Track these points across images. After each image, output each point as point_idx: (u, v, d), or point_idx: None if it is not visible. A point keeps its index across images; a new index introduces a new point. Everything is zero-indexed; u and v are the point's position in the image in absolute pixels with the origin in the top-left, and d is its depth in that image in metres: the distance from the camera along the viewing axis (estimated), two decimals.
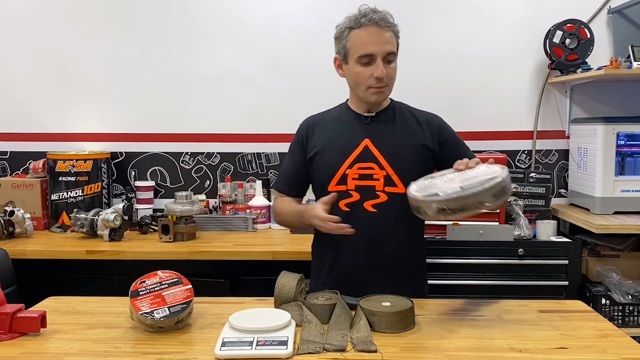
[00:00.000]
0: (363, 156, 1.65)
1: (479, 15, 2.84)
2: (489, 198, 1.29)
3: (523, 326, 1.41)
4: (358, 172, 1.65)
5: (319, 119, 1.79)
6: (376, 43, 1.59)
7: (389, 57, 1.61)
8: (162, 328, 1.37)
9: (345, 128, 1.72)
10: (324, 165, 1.70)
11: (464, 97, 2.86)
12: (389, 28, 1.61)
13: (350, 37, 1.62)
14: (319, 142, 1.72)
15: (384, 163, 1.64)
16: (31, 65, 2.93)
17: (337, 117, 1.76)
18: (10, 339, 1.33)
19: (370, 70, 1.60)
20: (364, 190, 1.64)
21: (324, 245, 1.73)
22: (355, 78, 1.64)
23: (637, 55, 2.41)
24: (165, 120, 2.94)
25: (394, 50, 1.63)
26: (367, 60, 1.60)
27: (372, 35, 1.59)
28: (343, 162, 1.66)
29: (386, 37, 1.60)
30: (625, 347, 1.29)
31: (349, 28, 1.62)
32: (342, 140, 1.69)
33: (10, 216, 2.49)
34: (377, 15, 1.60)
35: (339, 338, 1.30)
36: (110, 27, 2.90)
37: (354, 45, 1.61)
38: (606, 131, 2.49)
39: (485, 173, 1.35)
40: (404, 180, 1.62)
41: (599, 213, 2.50)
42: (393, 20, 1.63)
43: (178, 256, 2.31)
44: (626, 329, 2.24)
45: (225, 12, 2.88)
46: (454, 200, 1.31)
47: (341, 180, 1.66)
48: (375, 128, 1.69)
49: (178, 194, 2.53)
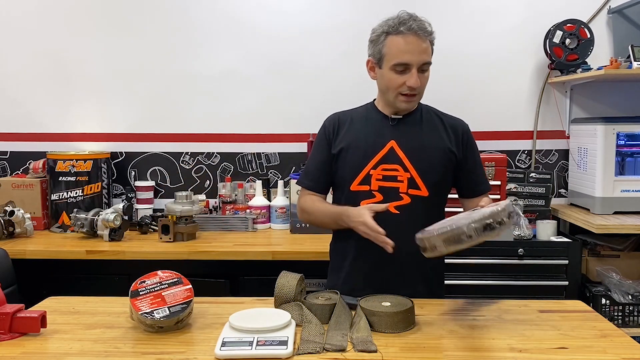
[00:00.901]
0: (388, 157, 1.65)
1: (479, 16, 2.84)
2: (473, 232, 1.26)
3: (523, 326, 1.41)
4: (382, 174, 1.64)
5: (346, 116, 1.77)
6: (413, 53, 1.57)
7: (423, 67, 1.61)
8: (162, 328, 1.37)
9: (372, 128, 1.70)
10: (348, 164, 1.68)
11: (464, 97, 2.86)
12: (427, 37, 1.60)
13: (387, 42, 1.60)
14: (345, 139, 1.71)
15: (408, 165, 1.64)
16: (31, 65, 2.93)
17: (364, 116, 1.74)
18: (10, 339, 1.33)
19: (403, 79, 1.60)
20: (387, 192, 1.63)
21: (346, 244, 1.71)
22: (387, 84, 1.63)
23: (637, 55, 2.41)
24: (165, 120, 2.94)
25: (430, 60, 1.62)
26: (402, 68, 1.59)
27: (410, 44, 1.57)
28: (368, 162, 1.65)
29: (424, 47, 1.59)
30: (625, 347, 1.29)
31: (387, 33, 1.60)
32: (368, 140, 1.68)
33: (10, 216, 2.49)
34: (417, 24, 1.58)
35: (339, 338, 1.30)
36: (110, 27, 2.91)
37: (390, 51, 1.60)
38: (606, 131, 2.49)
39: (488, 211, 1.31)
40: (427, 183, 1.63)
41: (599, 213, 2.50)
42: (431, 28, 1.62)
43: (178, 256, 2.31)
44: (626, 329, 2.24)
45: (226, 13, 2.88)
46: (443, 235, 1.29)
47: (364, 180, 1.65)
48: (401, 130, 1.68)
49: (178, 194, 2.53)
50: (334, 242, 1.80)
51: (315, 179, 1.76)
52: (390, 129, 1.69)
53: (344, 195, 1.70)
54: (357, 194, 1.66)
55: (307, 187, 1.77)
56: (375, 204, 1.58)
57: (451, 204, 1.77)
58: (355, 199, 1.66)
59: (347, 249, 1.71)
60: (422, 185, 1.63)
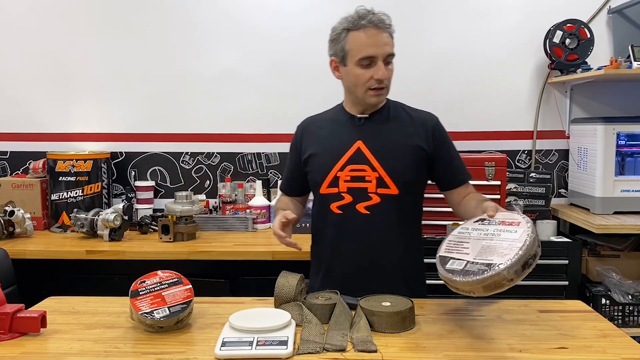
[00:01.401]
0: (355, 158, 1.65)
1: (479, 15, 2.84)
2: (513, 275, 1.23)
3: (523, 326, 1.41)
4: (350, 174, 1.64)
5: (314, 120, 1.80)
6: (377, 45, 1.58)
7: (387, 59, 1.61)
8: (162, 328, 1.37)
9: (339, 130, 1.72)
10: (317, 168, 1.70)
11: (464, 97, 2.86)
12: (387, 29, 1.61)
13: (349, 39, 1.61)
14: (313, 144, 1.73)
15: (376, 165, 1.64)
16: (31, 65, 2.93)
17: (332, 119, 1.76)
18: (10, 339, 1.33)
19: (370, 73, 1.60)
20: (356, 192, 1.64)
21: (321, 247, 1.74)
22: (354, 80, 1.63)
23: (637, 55, 2.41)
24: (165, 120, 2.94)
25: (393, 51, 1.62)
26: (368, 62, 1.59)
27: (373, 37, 1.58)
28: (335, 164, 1.66)
29: (385, 39, 1.60)
30: (625, 347, 1.29)
31: (347, 30, 1.61)
32: (334, 142, 1.69)
33: (10, 216, 2.49)
34: (376, 17, 1.59)
35: (339, 338, 1.30)
36: (110, 27, 2.91)
37: (353, 47, 1.60)
38: (606, 131, 2.49)
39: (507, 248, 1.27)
40: (397, 181, 1.63)
41: (599, 213, 2.50)
42: (390, 21, 1.63)
43: (178, 256, 2.31)
44: (626, 329, 2.24)
45: (226, 13, 2.88)
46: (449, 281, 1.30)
47: (333, 182, 1.66)
48: (368, 129, 1.69)
49: (178, 194, 2.53)
50: (312, 245, 1.81)
51: (288, 183, 1.86)
52: (356, 129, 1.69)
53: (317, 198, 1.73)
54: (327, 197, 1.67)
55: (282, 190, 1.88)
56: (287, 211, 1.60)
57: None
58: (326, 201, 1.68)
59: (324, 250, 1.72)
60: (391, 184, 1.63)
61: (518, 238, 1.30)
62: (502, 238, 1.33)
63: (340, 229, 1.66)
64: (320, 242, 1.74)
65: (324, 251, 1.72)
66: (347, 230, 1.65)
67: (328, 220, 1.68)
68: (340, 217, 1.65)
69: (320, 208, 1.72)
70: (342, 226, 1.66)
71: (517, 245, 1.27)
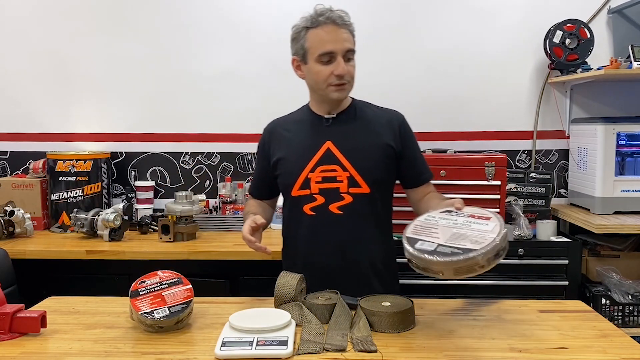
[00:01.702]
0: (325, 159, 1.65)
1: (478, 15, 2.84)
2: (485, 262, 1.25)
3: (523, 326, 1.41)
4: (321, 175, 1.64)
5: (280, 123, 1.80)
6: (335, 41, 1.59)
7: (348, 55, 1.62)
8: (162, 328, 1.37)
9: (307, 131, 1.72)
10: (287, 171, 1.70)
11: (464, 97, 2.86)
12: (346, 26, 1.62)
13: (308, 37, 1.62)
14: (281, 147, 1.73)
15: (346, 164, 1.64)
16: (31, 65, 2.93)
17: (299, 120, 1.77)
18: (10, 339, 1.33)
19: (330, 69, 1.60)
20: (328, 193, 1.64)
21: (294, 249, 1.73)
22: (315, 77, 1.64)
23: (637, 55, 2.41)
24: (165, 120, 2.94)
25: (353, 47, 1.63)
26: (328, 58, 1.60)
27: (331, 33, 1.59)
28: (305, 166, 1.65)
29: (344, 35, 1.61)
30: (625, 347, 1.29)
31: (306, 28, 1.62)
32: (303, 144, 1.69)
33: (10, 216, 2.49)
34: (334, 13, 1.60)
35: (339, 338, 1.30)
36: (110, 27, 2.90)
37: (312, 44, 1.61)
38: (606, 131, 2.49)
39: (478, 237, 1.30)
40: (367, 180, 1.64)
41: (599, 213, 2.50)
42: (349, 18, 1.64)
43: (178, 256, 2.31)
44: (626, 329, 2.24)
45: (226, 13, 2.88)
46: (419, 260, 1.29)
47: (304, 184, 1.66)
48: (336, 129, 1.69)
49: (178, 194, 2.53)
50: (283, 248, 1.81)
51: (257, 187, 1.86)
52: (325, 130, 1.69)
53: (288, 201, 1.72)
54: (299, 199, 1.67)
55: (251, 194, 1.90)
56: (257, 216, 1.59)
57: None
58: (298, 204, 1.67)
59: (296, 253, 1.72)
60: (362, 183, 1.63)
61: (491, 230, 1.32)
62: (473, 228, 1.35)
63: (314, 230, 1.66)
64: (293, 244, 1.74)
65: (297, 253, 1.71)
66: (321, 231, 1.65)
67: (301, 222, 1.68)
68: (313, 219, 1.65)
69: (292, 210, 1.71)
70: (315, 227, 1.66)
71: (492, 235, 1.29)
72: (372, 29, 2.83)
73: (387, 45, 2.86)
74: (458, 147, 2.82)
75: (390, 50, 2.85)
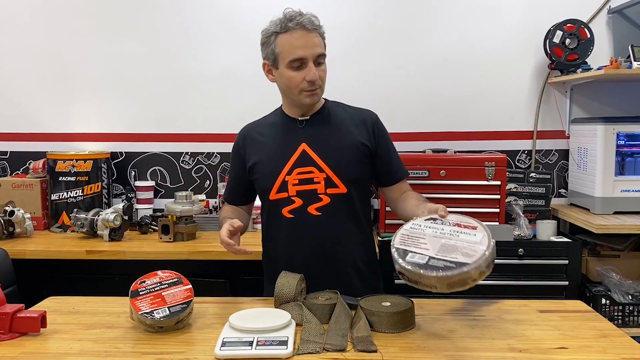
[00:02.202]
0: (301, 161, 1.65)
1: (478, 15, 2.84)
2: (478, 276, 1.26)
3: (523, 326, 1.41)
4: (298, 177, 1.64)
5: (255, 126, 1.79)
6: (305, 47, 1.58)
7: (319, 59, 1.61)
8: (162, 328, 1.37)
9: (281, 134, 1.71)
10: (264, 175, 1.70)
11: (464, 97, 2.86)
12: (316, 31, 1.61)
13: (278, 42, 1.61)
14: (257, 151, 1.72)
15: (322, 165, 1.64)
16: (31, 65, 2.93)
17: (272, 123, 1.76)
18: (10, 339, 1.33)
19: (302, 74, 1.60)
20: (306, 195, 1.64)
21: (274, 253, 1.73)
22: (287, 82, 1.64)
23: (637, 55, 2.41)
24: (165, 120, 2.94)
25: (324, 52, 1.63)
26: (298, 64, 1.59)
27: (301, 39, 1.58)
28: (282, 169, 1.65)
29: (314, 40, 1.60)
30: (625, 347, 1.29)
31: (276, 33, 1.61)
32: (278, 147, 1.69)
33: (10, 216, 2.49)
34: (304, 18, 1.59)
35: (339, 338, 1.30)
36: (110, 27, 2.90)
37: (283, 50, 1.60)
38: (606, 131, 2.49)
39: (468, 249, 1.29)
40: (344, 180, 1.64)
41: (599, 213, 2.50)
42: (319, 22, 1.63)
43: (178, 256, 2.31)
44: (626, 329, 2.24)
45: (226, 13, 2.88)
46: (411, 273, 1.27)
47: (281, 187, 1.65)
48: (311, 131, 1.69)
49: (178, 194, 2.54)
50: (263, 254, 1.81)
51: (233, 193, 1.84)
52: (299, 132, 1.69)
53: (266, 204, 1.72)
54: (278, 202, 1.67)
55: (226, 201, 1.86)
56: (234, 220, 1.60)
57: None
58: (277, 207, 1.67)
59: (277, 258, 1.72)
60: (339, 183, 1.64)
61: (479, 241, 1.32)
62: (462, 239, 1.34)
63: (293, 232, 1.66)
64: (272, 247, 1.74)
65: (278, 256, 1.71)
66: (300, 234, 1.65)
67: (280, 225, 1.68)
68: (292, 221, 1.65)
69: (270, 214, 1.71)
70: (294, 230, 1.65)
71: (482, 247, 1.29)
72: (371, 29, 2.84)
73: (387, 45, 2.86)
74: (458, 147, 2.82)
75: (390, 50, 2.85)
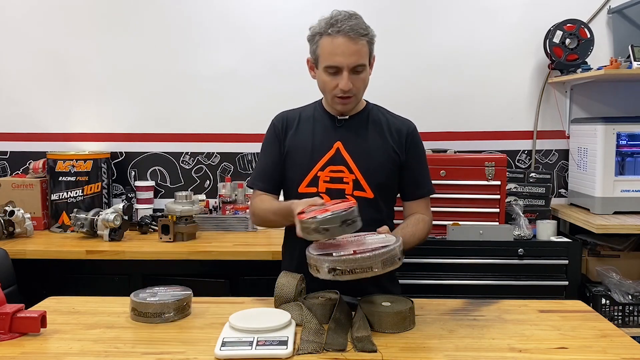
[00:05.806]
0: (334, 159, 1.64)
1: (478, 15, 2.84)
2: (378, 264, 1.29)
3: (523, 326, 1.41)
4: (329, 175, 1.64)
5: (294, 115, 1.76)
6: (343, 55, 1.54)
7: (357, 69, 1.57)
8: (327, 230, 1.32)
9: (319, 129, 1.70)
10: (296, 165, 1.68)
11: (463, 97, 2.86)
12: (360, 38, 1.55)
13: (320, 43, 1.59)
14: (294, 139, 1.71)
15: (353, 167, 1.63)
16: (31, 65, 2.93)
17: (312, 116, 1.74)
18: (10, 339, 1.33)
19: (336, 81, 1.57)
20: (334, 194, 1.62)
21: (296, 247, 1.69)
22: (322, 86, 1.63)
23: (637, 55, 2.42)
24: (165, 120, 2.94)
25: (363, 62, 1.57)
26: (334, 71, 1.57)
27: (340, 46, 1.54)
28: (316, 163, 1.65)
29: (355, 48, 1.54)
30: (625, 347, 1.29)
31: (320, 34, 1.59)
32: (315, 141, 1.68)
33: (10, 216, 2.49)
34: (348, 24, 1.54)
35: (339, 338, 1.30)
36: (110, 27, 2.90)
37: (323, 53, 1.58)
38: (606, 131, 2.49)
39: (380, 241, 1.36)
40: (372, 185, 1.63)
41: (599, 213, 2.50)
42: (366, 27, 1.58)
43: (178, 256, 2.31)
44: (626, 329, 2.24)
45: (226, 13, 2.88)
46: (344, 262, 1.29)
47: (312, 181, 1.65)
48: (347, 131, 1.68)
49: (178, 194, 2.53)
50: (284, 242, 1.79)
51: (268, 180, 1.73)
52: (336, 130, 1.68)
53: (291, 197, 1.68)
54: (305, 196, 1.62)
55: (261, 189, 1.73)
56: (313, 199, 1.51)
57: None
58: None
59: (295, 254, 1.67)
60: (366, 187, 1.63)
61: (384, 237, 1.40)
62: (368, 238, 1.42)
63: None
64: (296, 242, 1.66)
65: (299, 251, 1.65)
66: None
67: None
68: None
69: None
70: None
71: (390, 238, 1.38)
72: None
73: (387, 45, 2.84)
74: (458, 147, 2.83)
75: (390, 50, 2.84)
